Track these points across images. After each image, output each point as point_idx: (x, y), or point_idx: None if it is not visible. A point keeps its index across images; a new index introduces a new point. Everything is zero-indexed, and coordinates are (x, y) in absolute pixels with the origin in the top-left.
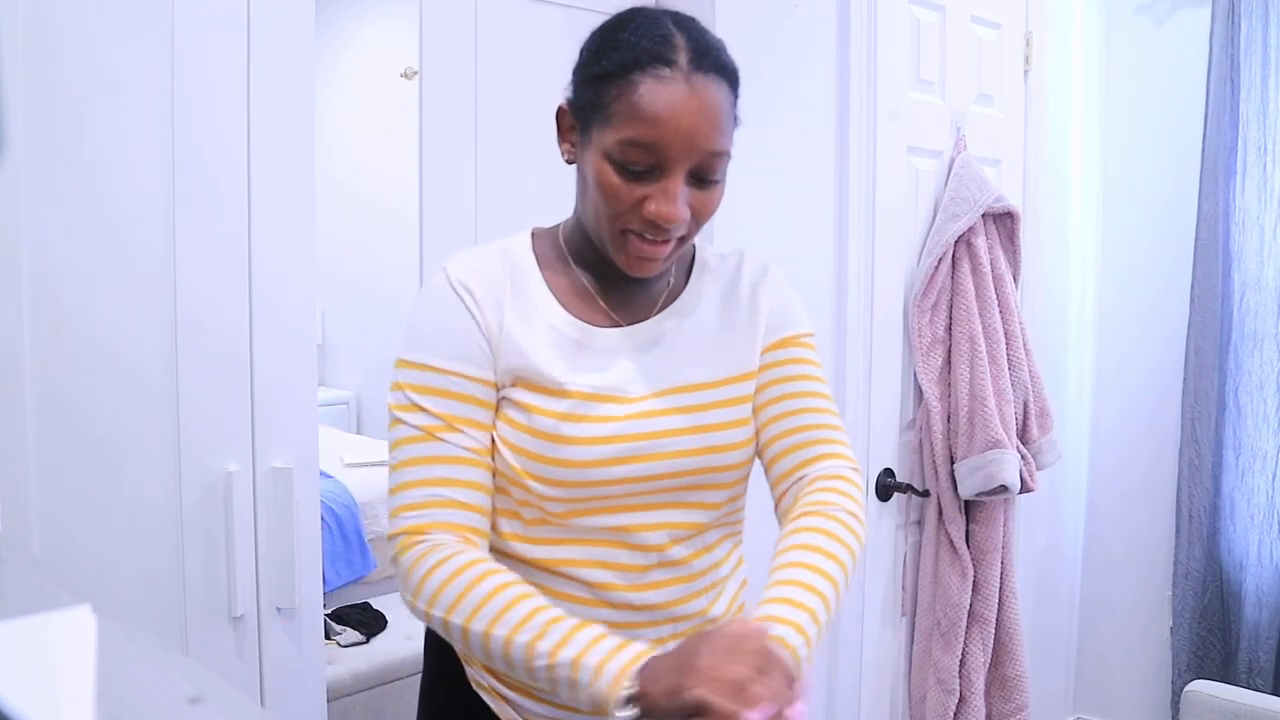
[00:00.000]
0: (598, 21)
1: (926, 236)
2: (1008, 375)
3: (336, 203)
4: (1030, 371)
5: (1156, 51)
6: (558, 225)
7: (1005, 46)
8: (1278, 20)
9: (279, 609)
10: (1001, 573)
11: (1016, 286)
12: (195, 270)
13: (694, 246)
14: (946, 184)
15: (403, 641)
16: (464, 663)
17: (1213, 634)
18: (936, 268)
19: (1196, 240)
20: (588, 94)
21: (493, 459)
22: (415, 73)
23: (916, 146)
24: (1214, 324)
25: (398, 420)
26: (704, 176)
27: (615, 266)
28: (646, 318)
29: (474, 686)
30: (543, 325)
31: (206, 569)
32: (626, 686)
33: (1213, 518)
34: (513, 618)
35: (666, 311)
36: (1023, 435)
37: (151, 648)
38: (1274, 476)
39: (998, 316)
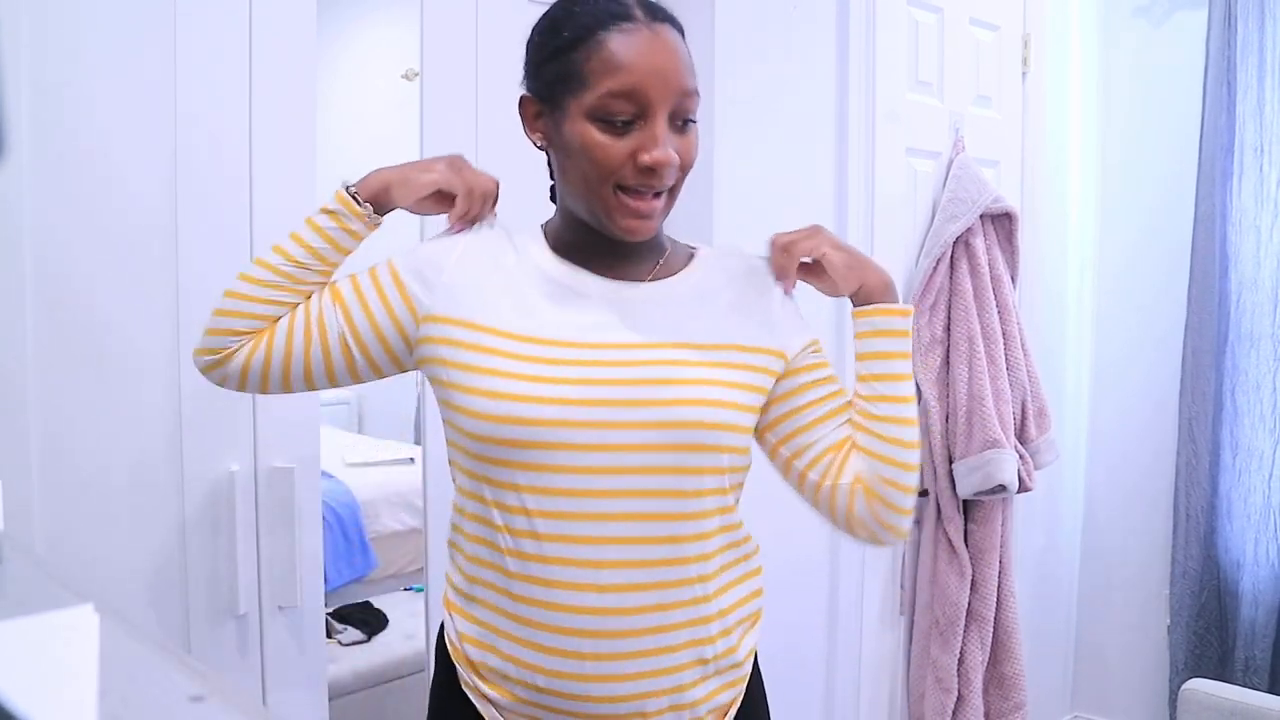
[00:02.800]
0: None
1: (925, 237)
2: (1006, 375)
3: None
4: (1028, 371)
5: (1154, 53)
6: (541, 226)
7: (1003, 48)
8: (1274, 23)
9: (280, 607)
10: (1000, 572)
11: (1015, 287)
12: (198, 270)
13: (691, 247)
14: (945, 185)
15: (404, 640)
16: (455, 663)
17: (1210, 632)
18: (935, 268)
19: (1193, 241)
20: (554, 69)
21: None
22: (416, 74)
23: (915, 147)
24: (1211, 324)
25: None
26: (683, 117)
27: (606, 252)
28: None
29: (463, 688)
30: (539, 279)
31: (209, 568)
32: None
33: (1210, 517)
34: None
35: (660, 281)
36: (1021, 435)
37: (154, 646)
38: (1270, 476)
39: (996, 317)
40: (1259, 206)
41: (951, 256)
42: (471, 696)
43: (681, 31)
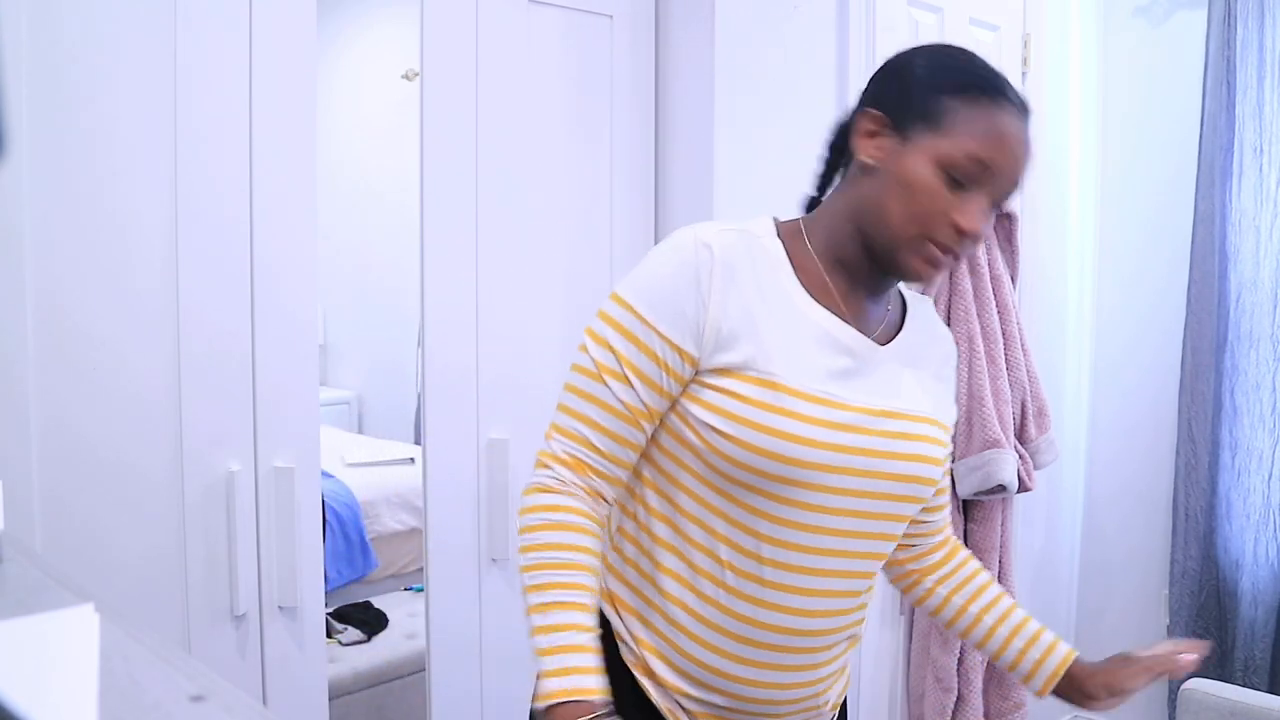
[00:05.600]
0: (597, 24)
1: None
2: (1006, 375)
3: (338, 203)
4: (1028, 371)
5: (1153, 53)
6: (797, 220)
7: (1003, 48)
8: (1274, 23)
9: (281, 608)
10: (999, 572)
11: (1014, 287)
12: (198, 270)
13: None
14: None
15: (403, 640)
16: (618, 640)
17: (1209, 632)
18: None
19: (1193, 241)
20: (925, 101)
21: (655, 424)
22: (416, 74)
23: None
24: (1211, 324)
25: (584, 347)
26: (1001, 205)
27: (868, 275)
28: (872, 334)
29: (630, 668)
30: (798, 318)
31: (209, 568)
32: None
33: (1209, 517)
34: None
35: (894, 343)
36: (1020, 435)
37: (154, 646)
38: (1270, 476)
39: (996, 317)
40: (1259, 206)
41: None
42: (642, 679)
43: None
